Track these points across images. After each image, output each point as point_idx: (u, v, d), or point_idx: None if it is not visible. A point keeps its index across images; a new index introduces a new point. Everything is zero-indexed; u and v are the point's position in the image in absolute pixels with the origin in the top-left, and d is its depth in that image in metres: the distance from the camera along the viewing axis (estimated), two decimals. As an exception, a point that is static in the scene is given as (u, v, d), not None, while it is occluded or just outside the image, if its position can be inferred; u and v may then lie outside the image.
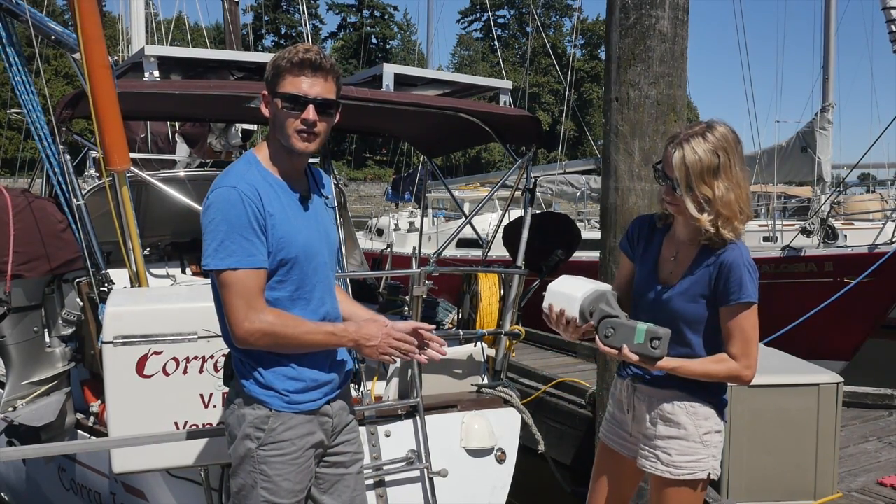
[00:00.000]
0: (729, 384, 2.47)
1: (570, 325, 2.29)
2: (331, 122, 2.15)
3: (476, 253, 10.62)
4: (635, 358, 2.20)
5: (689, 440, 2.35)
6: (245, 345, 2.05)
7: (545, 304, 2.34)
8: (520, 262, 4.10)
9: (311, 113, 2.08)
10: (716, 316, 2.30)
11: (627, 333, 2.21)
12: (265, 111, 2.14)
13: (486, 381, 3.99)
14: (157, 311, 2.79)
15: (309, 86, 2.08)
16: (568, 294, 2.30)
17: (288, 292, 2.12)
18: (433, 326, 2.26)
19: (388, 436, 3.51)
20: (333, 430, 2.28)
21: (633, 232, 2.53)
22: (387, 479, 3.44)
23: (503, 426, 3.78)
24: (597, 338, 2.28)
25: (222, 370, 2.28)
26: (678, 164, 2.19)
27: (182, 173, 5.89)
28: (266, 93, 2.13)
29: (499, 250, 5.28)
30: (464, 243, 10.88)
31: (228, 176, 2.08)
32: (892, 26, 8.72)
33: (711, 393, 2.37)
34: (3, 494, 4.75)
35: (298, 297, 2.14)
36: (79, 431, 3.72)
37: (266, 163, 2.15)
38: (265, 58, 4.13)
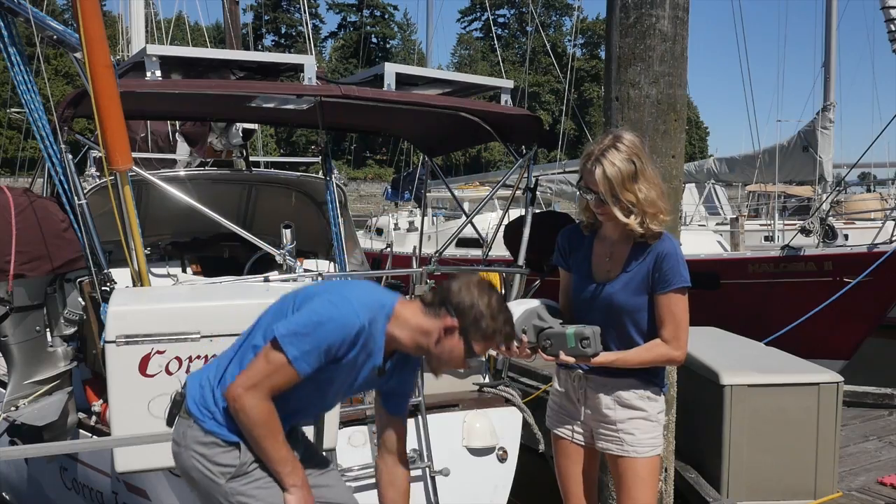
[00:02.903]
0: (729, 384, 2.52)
1: (510, 349, 2.45)
2: None
3: (476, 252, 10.61)
4: (572, 360, 2.42)
5: (648, 420, 2.53)
6: (228, 400, 2.09)
7: None
8: (521, 261, 4.11)
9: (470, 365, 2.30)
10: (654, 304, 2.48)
11: (560, 340, 2.43)
12: (442, 332, 2.16)
13: (487, 380, 4.00)
14: (159, 311, 2.80)
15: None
16: None
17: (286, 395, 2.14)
18: None
19: (389, 435, 3.50)
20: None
21: (564, 244, 2.69)
22: (388, 477, 3.44)
23: (505, 425, 3.78)
24: (539, 350, 2.48)
25: (167, 410, 2.28)
26: (601, 179, 2.37)
27: (182, 173, 5.90)
28: (457, 324, 2.15)
29: (499, 250, 5.28)
30: (463, 243, 10.86)
31: (365, 299, 2.13)
32: (892, 25, 8.73)
33: (660, 379, 2.57)
34: (4, 494, 4.75)
35: (289, 404, 2.17)
36: (80, 431, 3.73)
37: (393, 323, 2.18)
38: (266, 57, 4.13)
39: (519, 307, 2.51)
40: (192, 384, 2.24)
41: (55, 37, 3.53)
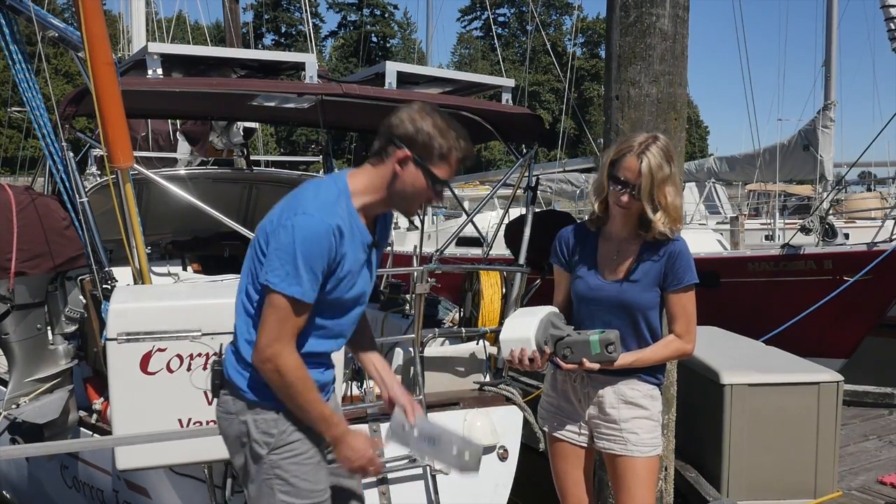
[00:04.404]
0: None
1: (535, 360, 2.43)
2: None
3: (476, 251, 10.62)
4: (597, 367, 2.41)
5: (651, 419, 2.56)
6: (257, 364, 2.05)
7: (505, 355, 2.48)
8: (522, 259, 4.11)
9: (443, 196, 2.16)
10: (660, 300, 2.52)
11: (583, 348, 2.41)
12: (397, 167, 2.09)
13: (488, 378, 4.00)
14: (160, 309, 2.80)
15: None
16: (520, 337, 2.44)
17: (324, 320, 2.13)
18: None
19: (390, 433, 3.51)
20: None
21: (562, 245, 2.67)
22: (389, 476, 3.45)
23: (505, 424, 3.79)
24: (557, 360, 2.45)
25: (210, 382, 2.26)
26: (645, 172, 2.37)
27: (183, 171, 5.90)
28: (409, 154, 2.08)
29: (499, 248, 5.28)
30: (463, 241, 10.88)
31: (320, 202, 2.05)
32: (891, 24, 8.72)
33: (660, 377, 2.61)
34: (5, 492, 4.76)
35: (333, 327, 2.17)
36: (81, 429, 3.73)
37: (358, 199, 2.12)
38: (268, 56, 4.14)
39: (532, 319, 2.45)
40: (228, 350, 2.21)
41: (57, 35, 3.54)
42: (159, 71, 3.49)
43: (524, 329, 2.44)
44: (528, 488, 4.28)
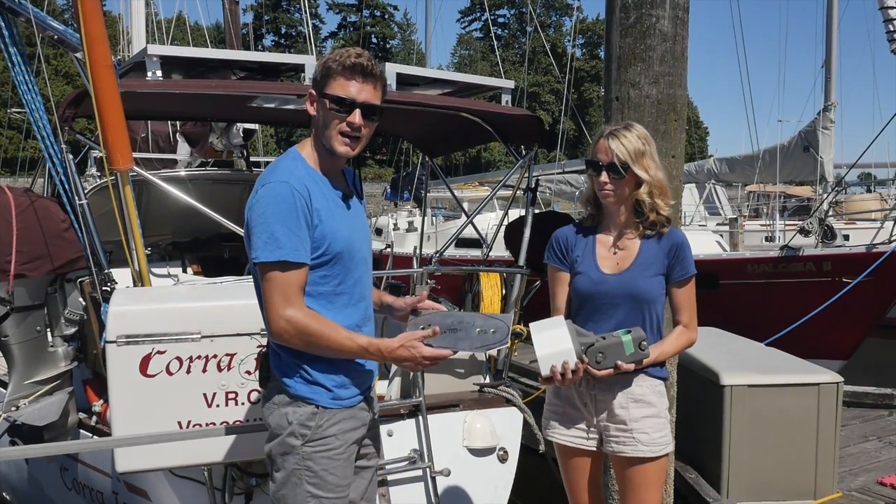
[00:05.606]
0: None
1: (577, 372, 2.34)
2: (373, 127, 2.21)
3: (475, 252, 10.62)
4: (631, 367, 2.38)
5: (660, 416, 2.53)
6: (279, 340, 2.09)
7: (545, 372, 2.33)
8: (522, 261, 4.11)
9: (356, 117, 2.13)
10: (665, 291, 2.54)
11: (616, 350, 2.34)
12: (310, 110, 2.18)
13: (488, 380, 3.99)
14: (160, 311, 2.79)
15: (357, 90, 2.13)
16: (561, 350, 2.32)
17: (331, 287, 2.16)
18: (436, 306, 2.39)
19: (390, 435, 3.51)
20: (366, 425, 2.32)
21: (559, 245, 2.65)
22: (389, 478, 3.45)
23: (505, 426, 3.79)
24: (589, 368, 2.35)
25: (257, 372, 2.31)
26: (618, 147, 2.43)
27: (183, 173, 5.90)
28: (313, 92, 2.16)
29: (498, 250, 5.28)
30: (463, 243, 10.87)
31: (277, 172, 2.11)
32: (890, 26, 8.72)
33: (664, 371, 2.59)
34: (5, 494, 4.75)
35: (342, 292, 2.19)
36: (81, 431, 3.73)
37: (310, 160, 2.19)
38: (267, 57, 4.14)
39: (562, 329, 2.35)
40: (270, 347, 2.25)
41: (56, 37, 3.53)
42: (159, 73, 3.49)
43: (561, 341, 2.31)
44: (528, 489, 4.29)
